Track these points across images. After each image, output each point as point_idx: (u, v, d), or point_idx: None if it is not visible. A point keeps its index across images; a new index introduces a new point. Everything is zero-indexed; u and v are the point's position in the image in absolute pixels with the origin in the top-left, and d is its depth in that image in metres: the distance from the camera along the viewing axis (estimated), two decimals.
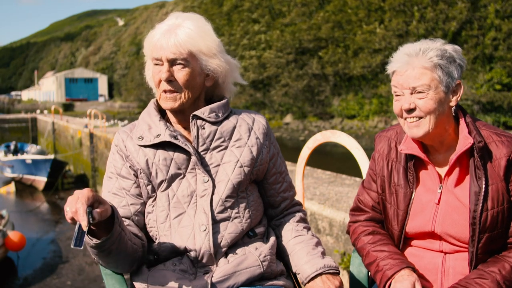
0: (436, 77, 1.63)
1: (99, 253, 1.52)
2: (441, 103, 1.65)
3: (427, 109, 1.64)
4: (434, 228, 1.73)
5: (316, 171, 7.38)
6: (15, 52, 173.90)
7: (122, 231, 1.53)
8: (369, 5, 31.28)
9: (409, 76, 1.64)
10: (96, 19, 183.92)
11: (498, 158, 1.66)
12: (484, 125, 1.74)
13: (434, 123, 1.65)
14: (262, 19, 40.71)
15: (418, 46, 1.66)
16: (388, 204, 1.82)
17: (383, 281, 1.71)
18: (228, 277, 1.63)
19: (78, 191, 1.38)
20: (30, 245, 11.64)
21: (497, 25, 25.37)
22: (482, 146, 1.65)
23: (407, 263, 1.72)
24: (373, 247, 1.81)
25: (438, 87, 1.63)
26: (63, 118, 30.22)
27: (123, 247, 1.54)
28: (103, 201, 1.42)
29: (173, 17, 1.68)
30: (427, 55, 1.63)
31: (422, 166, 1.78)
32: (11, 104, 73.44)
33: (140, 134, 1.70)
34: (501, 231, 1.67)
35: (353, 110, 33.62)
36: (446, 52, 1.65)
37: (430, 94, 1.63)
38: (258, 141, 1.76)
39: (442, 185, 1.73)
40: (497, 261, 1.67)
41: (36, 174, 20.17)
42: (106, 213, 1.42)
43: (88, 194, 1.37)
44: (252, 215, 1.73)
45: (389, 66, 1.71)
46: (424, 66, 1.62)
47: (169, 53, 1.60)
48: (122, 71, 77.97)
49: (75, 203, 1.35)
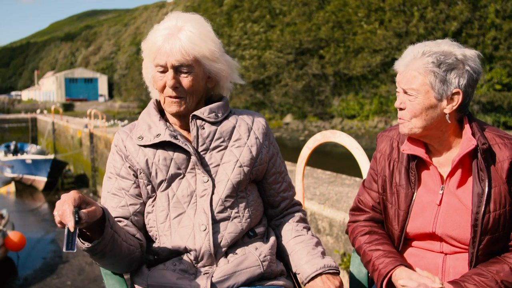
0: (428, 83, 1.61)
1: (93, 256, 1.52)
2: (431, 109, 1.64)
3: (412, 112, 1.65)
4: (435, 229, 1.72)
5: (316, 171, 7.37)
6: (15, 52, 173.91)
7: (115, 233, 1.52)
8: (369, 5, 31.27)
9: (404, 77, 1.66)
10: (96, 19, 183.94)
11: (501, 160, 1.65)
12: (487, 127, 1.73)
13: (420, 126, 1.66)
14: (262, 19, 40.71)
15: (423, 47, 1.65)
16: (389, 204, 1.82)
17: (379, 280, 1.71)
18: (228, 277, 1.63)
19: (65, 195, 1.38)
20: (30, 245, 11.64)
21: (497, 24, 25.37)
22: (486, 148, 1.64)
23: (400, 261, 1.72)
24: (369, 246, 1.81)
25: (428, 92, 1.62)
26: (63, 118, 30.22)
27: (117, 249, 1.54)
28: (90, 202, 1.41)
29: (173, 19, 1.67)
30: (424, 60, 1.62)
31: (424, 167, 1.78)
32: (11, 104, 73.45)
33: (140, 134, 1.70)
34: (502, 233, 1.66)
35: (353, 110, 33.62)
36: (449, 57, 1.61)
37: (418, 99, 1.63)
38: (257, 141, 1.76)
39: (443, 186, 1.73)
40: (497, 262, 1.67)
41: (36, 174, 20.18)
42: (95, 214, 1.40)
43: (74, 196, 1.36)
44: (252, 215, 1.73)
45: (396, 62, 1.72)
46: (418, 71, 1.62)
47: (174, 60, 1.60)
48: (122, 71, 77.98)
49: (62, 205, 1.34)
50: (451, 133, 1.71)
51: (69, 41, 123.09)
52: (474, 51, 1.66)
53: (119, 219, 1.69)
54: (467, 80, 1.62)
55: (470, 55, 1.63)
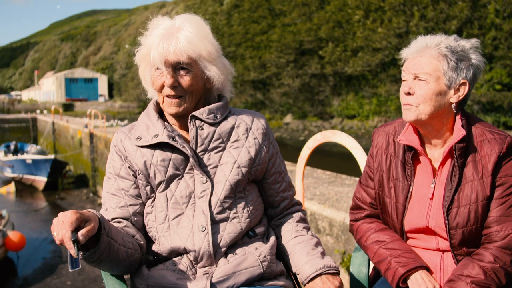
0: (440, 69, 1.65)
1: (90, 263, 1.51)
2: (440, 95, 1.66)
3: (422, 97, 1.67)
4: (428, 223, 1.74)
5: (316, 171, 7.38)
6: (15, 52, 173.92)
7: (112, 239, 1.51)
8: (369, 5, 31.27)
9: (416, 63, 1.68)
10: (96, 19, 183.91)
11: (488, 154, 1.67)
12: (480, 123, 1.76)
13: (428, 112, 1.67)
14: (263, 19, 40.70)
15: (435, 38, 1.70)
16: (387, 199, 1.83)
17: (396, 277, 1.72)
18: (228, 277, 1.63)
19: (62, 215, 1.36)
20: (30, 245, 11.64)
21: (497, 24, 25.36)
22: (462, 146, 1.67)
23: (420, 262, 1.73)
24: (384, 245, 1.81)
25: (440, 78, 1.65)
26: (63, 118, 30.23)
27: (114, 255, 1.54)
28: (89, 217, 1.40)
29: (171, 19, 1.67)
30: (438, 47, 1.66)
31: (419, 160, 1.80)
32: (11, 104, 73.40)
33: (138, 134, 1.70)
34: (475, 227, 1.68)
35: (353, 110, 33.60)
36: (462, 50, 1.67)
37: (431, 84, 1.66)
38: (256, 141, 1.75)
39: (435, 180, 1.75)
40: (467, 264, 1.67)
41: (36, 174, 20.19)
42: (93, 230, 1.40)
43: (71, 219, 1.34)
44: (251, 215, 1.72)
45: (403, 51, 1.74)
46: (432, 55, 1.66)
47: (172, 59, 1.60)
48: (122, 71, 77.97)
49: (61, 229, 1.33)
50: (449, 126, 1.73)
51: (69, 41, 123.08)
52: (479, 51, 1.71)
53: (118, 220, 1.69)
54: (472, 73, 1.68)
55: (475, 52, 1.70)
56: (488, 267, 1.63)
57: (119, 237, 1.57)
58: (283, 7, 38.93)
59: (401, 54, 1.75)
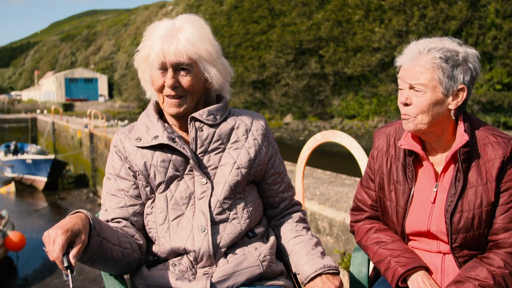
0: (436, 78, 1.62)
1: (83, 262, 1.51)
2: (438, 105, 1.64)
3: (419, 108, 1.64)
4: (430, 227, 1.73)
5: (316, 171, 7.38)
6: (15, 52, 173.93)
7: (104, 239, 1.50)
8: (369, 5, 31.27)
9: (410, 73, 1.65)
10: (96, 19, 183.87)
11: (492, 159, 1.66)
12: (483, 126, 1.74)
13: (426, 122, 1.66)
14: (262, 19, 40.70)
15: (428, 44, 1.65)
16: (388, 202, 1.82)
17: (395, 277, 1.72)
18: (228, 277, 1.63)
19: (54, 234, 1.34)
20: (30, 245, 11.64)
21: (497, 24, 25.36)
22: (467, 150, 1.66)
23: (420, 262, 1.73)
24: (384, 245, 1.81)
25: (436, 87, 1.62)
26: (63, 118, 30.22)
27: (108, 254, 1.53)
28: (78, 231, 1.38)
29: (171, 20, 1.67)
30: (431, 54, 1.62)
31: (421, 164, 1.78)
32: (11, 104, 73.39)
33: (138, 135, 1.70)
34: (478, 233, 1.67)
35: (353, 110, 33.60)
36: (455, 54, 1.62)
37: (427, 94, 1.63)
38: (256, 142, 1.75)
39: (437, 184, 1.74)
40: (475, 266, 1.67)
41: (36, 174, 20.20)
42: (84, 244, 1.39)
43: (62, 242, 1.32)
44: (251, 216, 1.72)
45: (398, 58, 1.71)
46: (425, 66, 1.62)
47: (173, 60, 1.60)
48: (122, 71, 77.95)
49: (52, 251, 1.33)
50: (450, 131, 1.72)
51: (69, 41, 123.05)
52: (475, 50, 1.68)
53: (118, 220, 1.69)
54: (470, 77, 1.65)
55: (471, 53, 1.66)
56: (497, 272, 1.62)
57: (114, 237, 1.56)
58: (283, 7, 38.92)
59: (395, 62, 1.72)
